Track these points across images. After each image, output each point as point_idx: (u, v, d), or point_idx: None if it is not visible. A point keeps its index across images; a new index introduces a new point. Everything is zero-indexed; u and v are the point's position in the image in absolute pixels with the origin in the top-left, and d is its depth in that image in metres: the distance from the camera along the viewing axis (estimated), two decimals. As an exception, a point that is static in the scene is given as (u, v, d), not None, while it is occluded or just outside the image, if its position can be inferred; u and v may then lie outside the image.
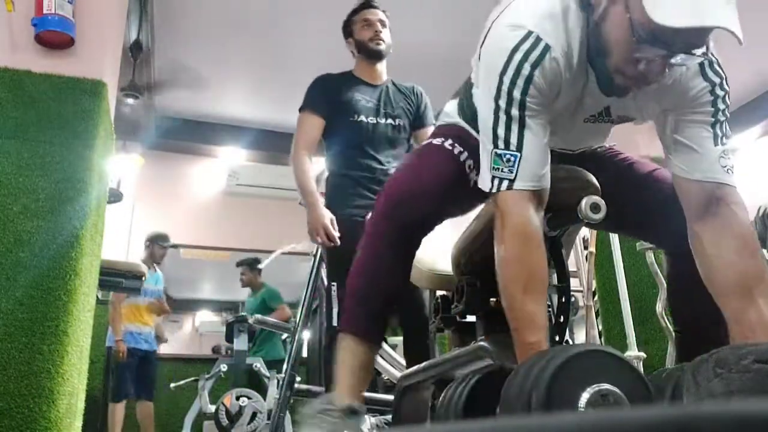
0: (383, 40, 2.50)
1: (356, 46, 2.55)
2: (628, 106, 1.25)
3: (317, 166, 2.53)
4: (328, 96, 2.47)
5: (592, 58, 1.16)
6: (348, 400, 1.26)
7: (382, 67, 2.55)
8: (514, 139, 1.13)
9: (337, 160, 2.47)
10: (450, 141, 1.38)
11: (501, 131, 1.14)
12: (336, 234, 2.25)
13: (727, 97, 1.23)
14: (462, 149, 1.36)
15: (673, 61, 1.08)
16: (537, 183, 1.15)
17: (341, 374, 1.31)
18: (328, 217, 2.27)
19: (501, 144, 1.14)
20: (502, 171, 1.14)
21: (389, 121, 2.47)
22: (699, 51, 1.07)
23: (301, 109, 2.51)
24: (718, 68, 1.22)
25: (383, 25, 2.53)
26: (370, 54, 2.50)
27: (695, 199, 1.20)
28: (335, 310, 2.25)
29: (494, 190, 1.16)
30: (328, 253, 2.41)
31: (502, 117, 1.13)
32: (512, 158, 1.13)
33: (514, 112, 1.13)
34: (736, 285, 1.14)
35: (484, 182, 1.18)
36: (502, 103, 1.13)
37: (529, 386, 0.89)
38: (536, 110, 1.14)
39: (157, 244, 5.07)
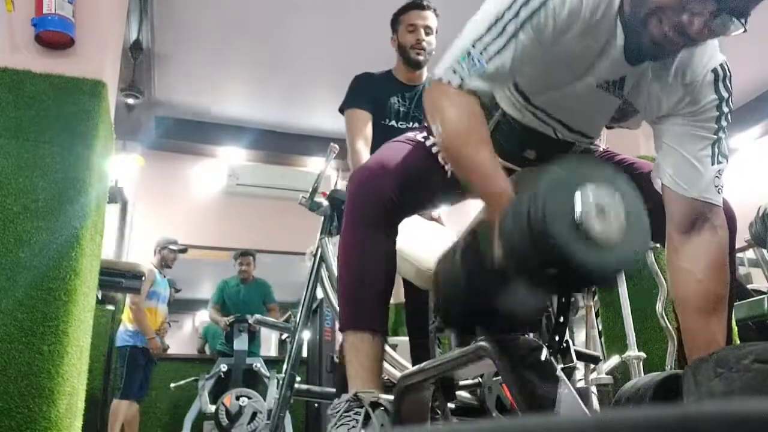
0: (424, 49, 2.45)
1: (398, 48, 2.50)
2: (641, 90, 1.21)
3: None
4: (370, 95, 2.45)
5: (626, 16, 1.11)
6: (369, 395, 1.22)
7: (421, 71, 2.52)
8: (492, 50, 1.09)
9: None
10: (424, 134, 1.39)
11: (488, 37, 1.09)
12: None
13: (730, 114, 1.22)
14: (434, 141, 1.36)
15: (713, 25, 1.04)
16: (487, 87, 1.12)
17: (353, 371, 1.28)
18: None
19: (480, 46, 1.10)
20: (462, 68, 1.10)
21: (415, 124, 2.46)
22: (741, 22, 1.04)
23: (344, 109, 2.47)
24: (729, 83, 1.21)
25: (429, 32, 2.46)
26: (408, 62, 2.46)
27: (683, 214, 1.20)
28: None
29: (443, 80, 1.12)
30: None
31: (498, 27, 1.09)
32: (478, 64, 1.09)
33: (511, 27, 1.08)
34: (700, 303, 1.16)
35: (438, 68, 1.14)
36: (509, 14, 1.08)
37: (527, 202, 0.87)
38: (532, 39, 1.09)
39: (168, 249, 5.08)
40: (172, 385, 4.83)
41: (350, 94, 2.50)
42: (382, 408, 1.20)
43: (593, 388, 2.18)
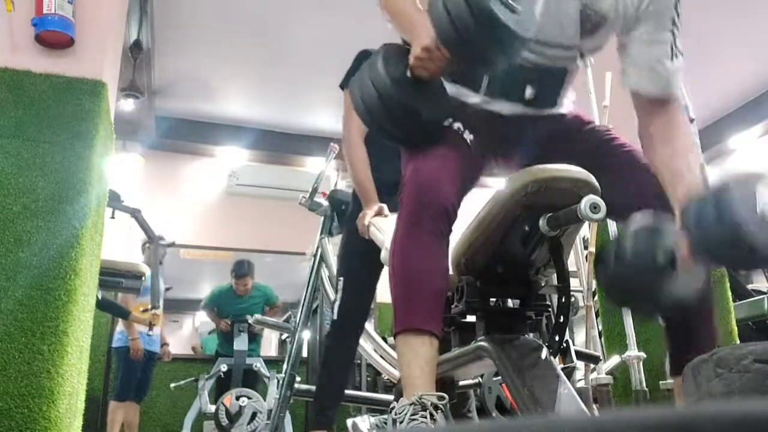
0: None
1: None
2: None
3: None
4: None
5: None
6: (432, 398, 1.18)
7: None
8: None
9: None
10: (458, 123, 1.40)
11: None
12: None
13: (679, 4, 1.35)
14: (459, 124, 1.39)
15: None
16: None
17: (411, 376, 1.23)
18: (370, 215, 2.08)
19: None
20: None
21: None
22: None
23: (344, 86, 2.32)
24: None
25: None
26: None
27: (650, 112, 1.37)
28: (338, 303, 2.24)
29: None
30: (341, 248, 2.39)
31: None
32: None
33: None
34: (681, 173, 1.27)
35: None
36: None
37: None
38: None
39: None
40: (172, 385, 4.83)
41: (351, 73, 2.26)
42: (442, 411, 1.18)
43: (593, 388, 2.17)
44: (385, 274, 2.18)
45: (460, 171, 1.30)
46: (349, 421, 2.68)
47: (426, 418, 1.14)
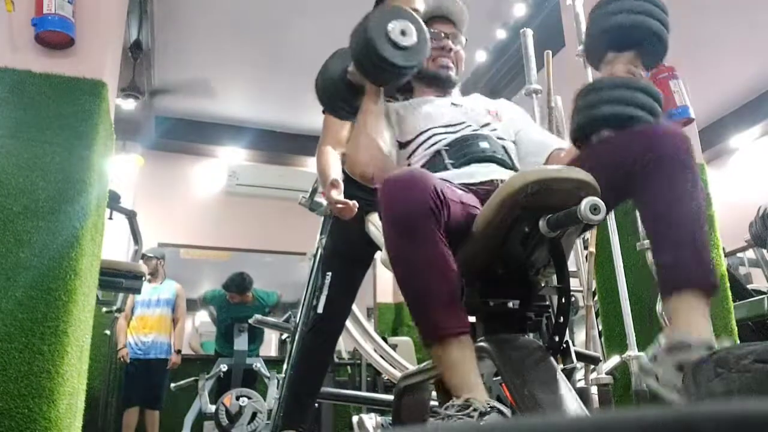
0: None
1: None
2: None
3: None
4: None
5: None
6: (482, 399, 1.13)
7: None
8: None
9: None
10: None
11: None
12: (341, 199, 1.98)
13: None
14: None
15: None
16: None
17: (455, 380, 1.18)
18: (330, 187, 2.01)
19: None
20: None
21: None
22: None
23: (324, 111, 2.34)
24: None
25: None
26: None
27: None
28: (323, 297, 2.24)
29: None
30: (326, 246, 2.41)
31: None
32: None
33: None
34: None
35: None
36: None
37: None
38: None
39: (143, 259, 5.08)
40: (172, 385, 4.84)
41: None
42: (498, 412, 1.14)
43: (593, 388, 2.17)
44: (373, 273, 2.15)
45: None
46: (355, 418, 2.68)
47: (473, 417, 1.09)
